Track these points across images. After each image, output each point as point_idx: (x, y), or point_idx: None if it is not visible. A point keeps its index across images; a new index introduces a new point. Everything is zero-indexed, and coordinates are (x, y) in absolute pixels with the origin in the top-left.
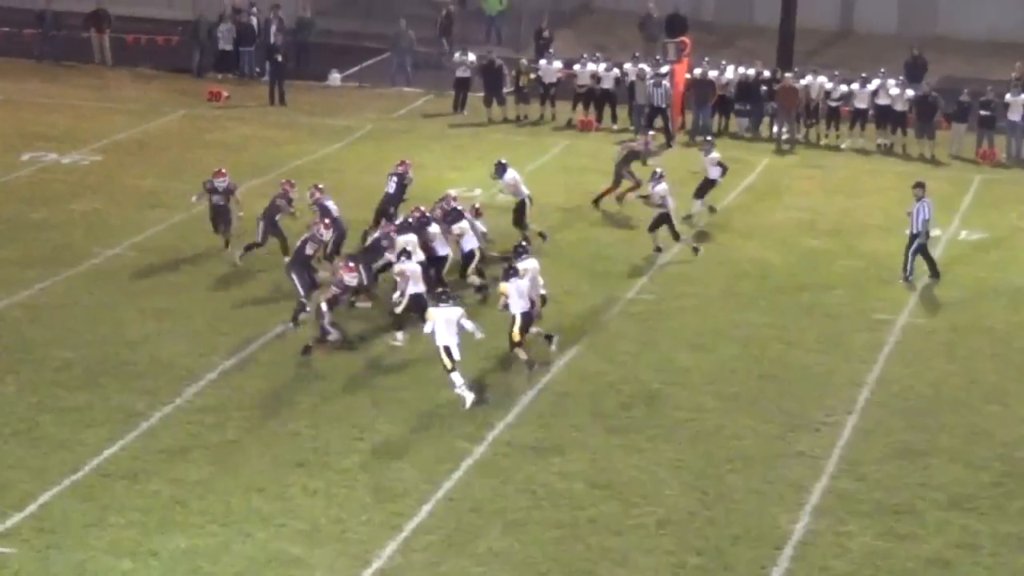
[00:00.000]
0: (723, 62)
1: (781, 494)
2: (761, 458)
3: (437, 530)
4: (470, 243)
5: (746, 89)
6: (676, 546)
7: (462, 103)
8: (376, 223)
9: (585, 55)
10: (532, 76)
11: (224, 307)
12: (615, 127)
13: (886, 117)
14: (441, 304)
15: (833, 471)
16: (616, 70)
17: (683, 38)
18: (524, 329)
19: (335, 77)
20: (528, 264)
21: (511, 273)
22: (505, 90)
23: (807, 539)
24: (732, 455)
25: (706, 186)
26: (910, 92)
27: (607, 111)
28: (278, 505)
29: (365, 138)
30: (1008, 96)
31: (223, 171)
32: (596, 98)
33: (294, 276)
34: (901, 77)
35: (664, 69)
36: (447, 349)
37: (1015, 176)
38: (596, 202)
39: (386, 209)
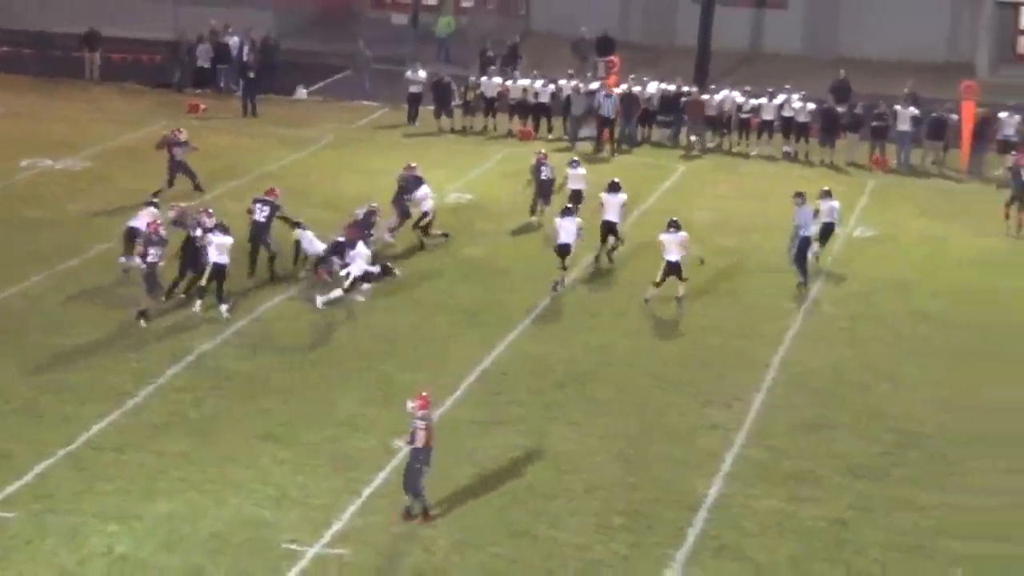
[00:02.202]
0: (645, 78)
1: (697, 462)
2: (680, 430)
3: (392, 495)
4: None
5: (667, 103)
6: (603, 508)
7: (414, 115)
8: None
9: (518, 72)
10: (476, 91)
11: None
12: (550, 136)
13: (791, 128)
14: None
15: (744, 442)
16: (552, 86)
17: (612, 57)
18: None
19: (301, 92)
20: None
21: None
22: (453, 104)
23: (720, 502)
24: (654, 428)
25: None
26: (811, 105)
27: (544, 122)
28: (250, 473)
29: (328, 146)
30: (898, 108)
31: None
32: (532, 110)
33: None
34: (804, 92)
35: (594, 85)
36: None
37: (904, 181)
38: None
39: (401, 205)
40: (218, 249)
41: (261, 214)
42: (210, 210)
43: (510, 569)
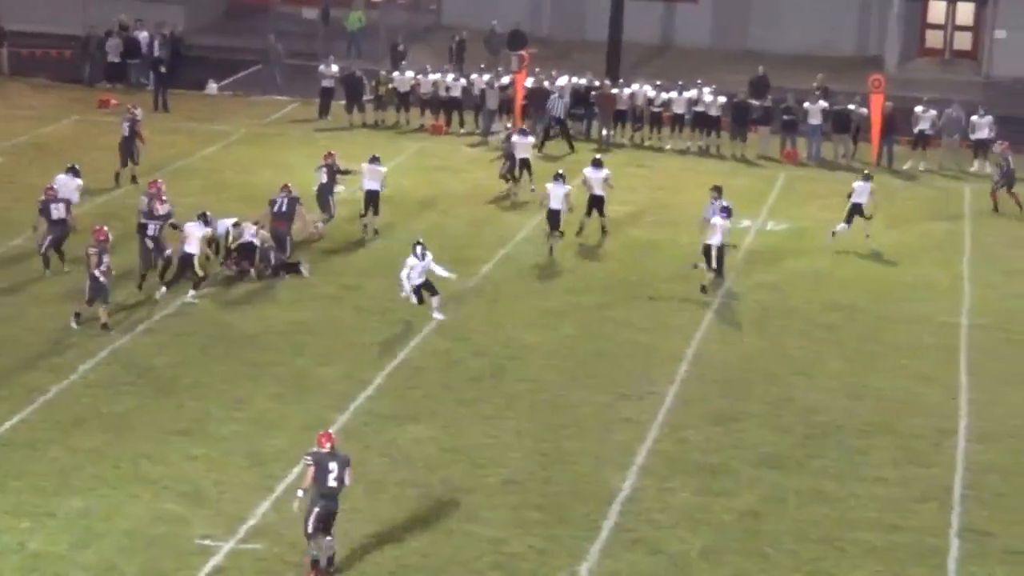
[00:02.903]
0: (553, 72)
1: (611, 456)
2: (593, 424)
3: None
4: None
5: (578, 97)
6: (519, 503)
7: (326, 110)
8: (323, 209)
9: (429, 66)
10: (389, 86)
11: (116, 289)
12: (463, 131)
13: (702, 121)
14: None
15: (656, 435)
16: (463, 80)
17: (523, 52)
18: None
19: (212, 86)
20: None
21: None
22: (365, 98)
23: (634, 495)
24: (568, 422)
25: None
26: (722, 99)
27: (456, 117)
28: (163, 469)
29: (240, 141)
30: (807, 104)
31: None
32: (445, 105)
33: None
34: (714, 85)
35: (506, 79)
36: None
37: (814, 174)
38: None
39: (324, 198)
40: (190, 239)
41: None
42: (164, 197)
43: (425, 563)
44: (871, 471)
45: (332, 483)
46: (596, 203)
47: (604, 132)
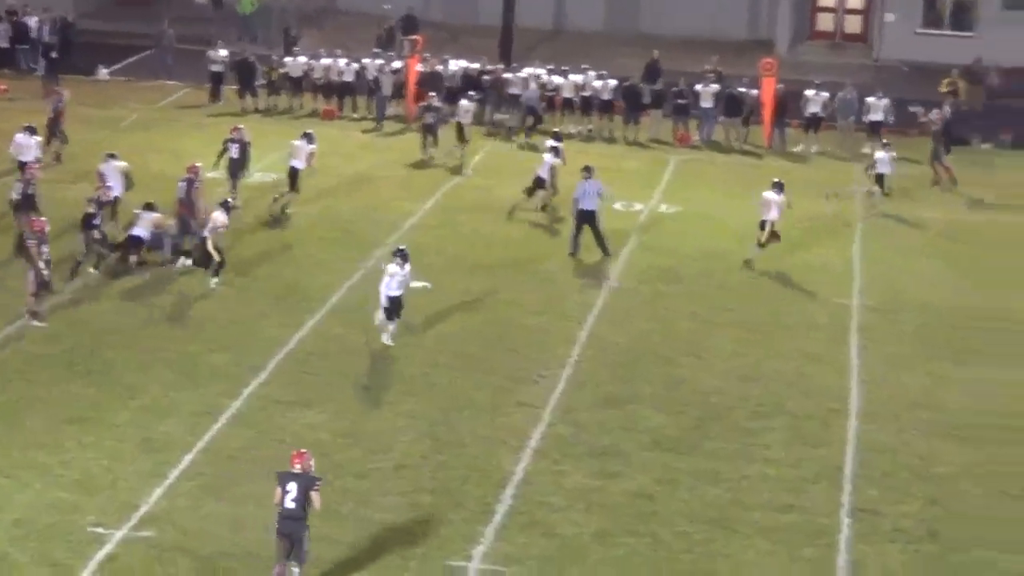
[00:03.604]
0: (445, 57)
1: (504, 439)
2: (487, 408)
3: (198, 477)
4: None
5: (470, 81)
6: (412, 487)
7: (217, 95)
8: (235, 187)
9: (323, 51)
10: (281, 71)
11: (4, 274)
12: (355, 116)
13: (594, 105)
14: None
15: (550, 418)
16: (356, 65)
17: (415, 36)
18: None
19: (103, 72)
20: None
21: None
22: (257, 83)
23: (527, 478)
24: (462, 406)
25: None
26: (612, 82)
27: (348, 101)
28: (55, 457)
29: (132, 126)
30: (699, 87)
31: None
32: (337, 90)
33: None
34: (604, 70)
35: (397, 64)
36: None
37: (706, 156)
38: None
39: (236, 172)
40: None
41: None
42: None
43: (319, 548)
44: (763, 452)
45: (289, 504)
46: (539, 184)
47: (496, 116)
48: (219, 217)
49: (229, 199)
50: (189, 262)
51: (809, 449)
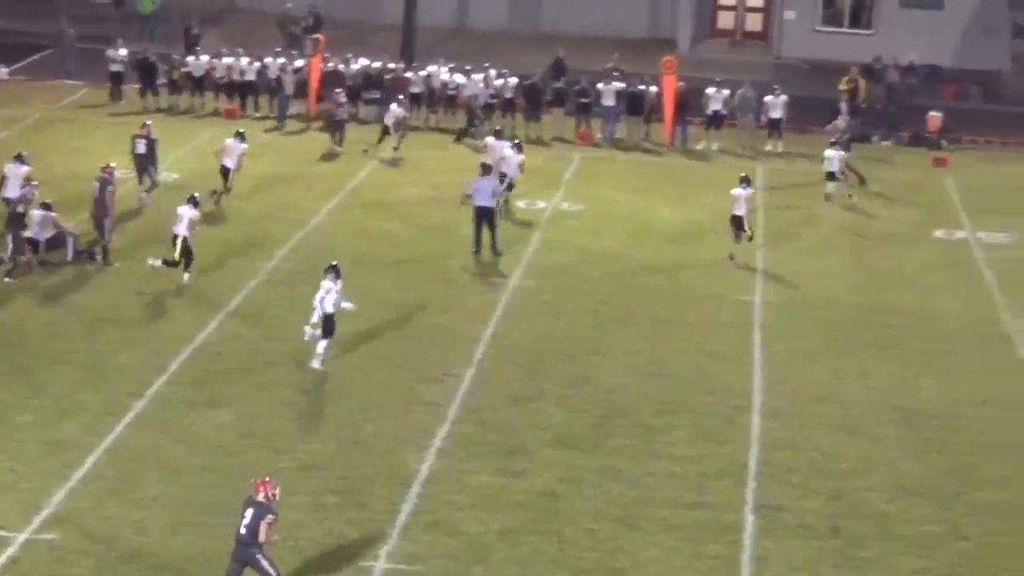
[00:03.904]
0: (348, 55)
1: (410, 438)
2: (392, 407)
3: (102, 479)
4: None
5: (372, 80)
6: (317, 487)
7: (118, 94)
8: (141, 180)
9: (224, 50)
10: (182, 69)
11: None
12: (257, 115)
13: (496, 104)
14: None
15: (455, 417)
16: (257, 63)
17: (318, 35)
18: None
19: (2, 71)
20: None
21: None
22: (159, 82)
23: (433, 477)
24: (367, 405)
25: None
26: (514, 80)
27: (251, 101)
28: None
29: (33, 126)
30: (601, 85)
31: None
32: (239, 89)
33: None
34: (505, 69)
35: (300, 63)
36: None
37: (609, 154)
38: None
39: (144, 167)
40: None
41: None
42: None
43: (224, 549)
44: (667, 449)
45: (241, 529)
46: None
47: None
48: (189, 212)
49: (195, 194)
50: (100, 258)
51: (713, 446)
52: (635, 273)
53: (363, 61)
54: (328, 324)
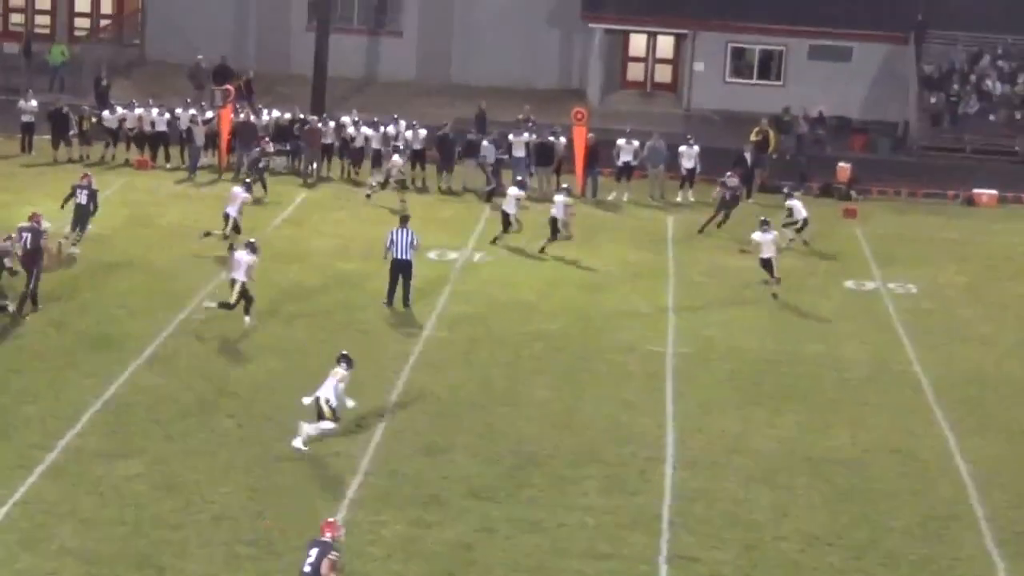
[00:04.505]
0: (260, 106)
1: (322, 489)
2: (304, 458)
3: (13, 531)
4: None
5: (282, 131)
6: (230, 538)
7: (29, 145)
8: (73, 229)
9: (135, 101)
10: (94, 120)
11: None
12: (168, 166)
13: (406, 155)
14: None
15: (367, 468)
16: (168, 114)
17: (228, 86)
18: None
19: None
20: None
21: None
22: (71, 133)
23: (347, 528)
24: (279, 456)
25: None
26: (423, 132)
27: (161, 151)
28: None
29: None
30: (512, 136)
31: None
32: (150, 140)
33: None
34: (415, 121)
35: (210, 114)
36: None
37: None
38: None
39: (83, 219)
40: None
41: None
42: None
43: None
44: (580, 500)
45: (305, 568)
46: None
47: (312, 166)
48: (247, 258)
49: (252, 240)
50: (12, 308)
51: (626, 496)
52: (546, 323)
53: (274, 112)
54: (320, 411)
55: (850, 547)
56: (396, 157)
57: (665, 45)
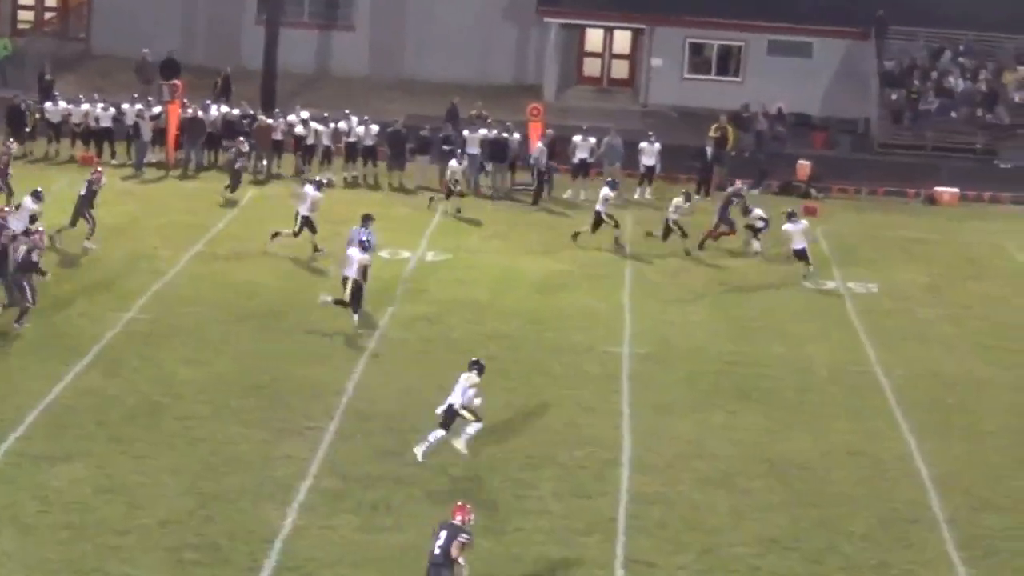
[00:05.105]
0: (208, 102)
1: (271, 493)
2: (253, 461)
3: None
4: None
5: (231, 127)
6: (176, 543)
7: None
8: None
9: (82, 96)
10: (38, 116)
11: None
12: (114, 162)
13: (358, 151)
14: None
15: (316, 471)
16: (114, 110)
17: (176, 81)
18: None
19: None
20: None
21: None
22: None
23: (295, 533)
24: (227, 459)
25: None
26: (375, 128)
27: (107, 148)
28: None
29: None
30: (466, 132)
31: None
32: (95, 136)
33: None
34: (366, 117)
35: (157, 109)
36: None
37: (474, 202)
38: None
39: (81, 211)
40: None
41: None
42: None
43: None
44: (536, 504)
45: (434, 550)
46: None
47: (263, 162)
48: (358, 255)
49: (364, 238)
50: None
51: (583, 500)
52: (501, 323)
53: (223, 108)
54: (449, 418)
55: (809, 552)
56: (453, 162)
57: (622, 40)
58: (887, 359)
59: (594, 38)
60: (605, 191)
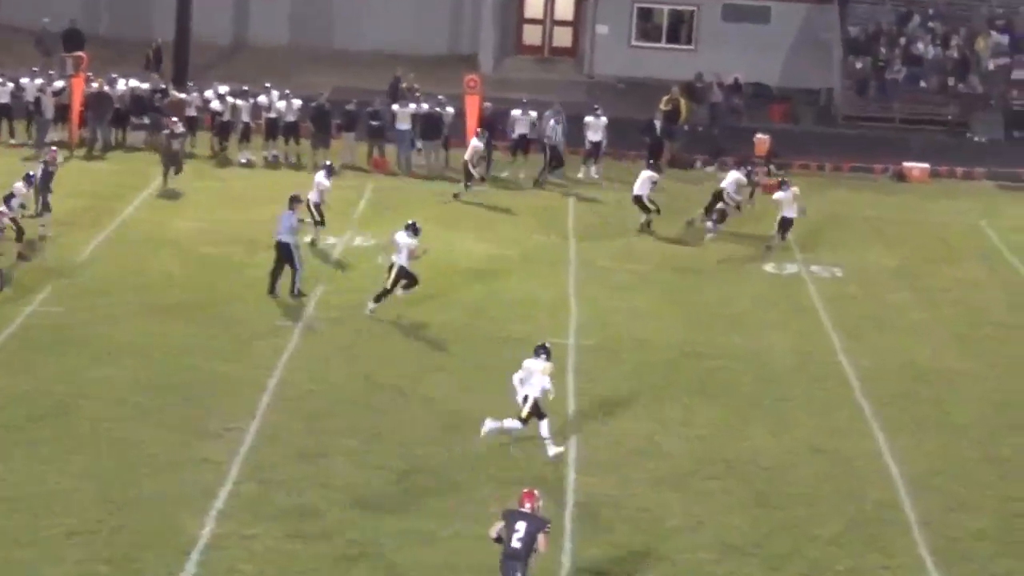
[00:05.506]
0: (113, 75)
1: (187, 500)
2: (167, 466)
3: None
4: None
5: (140, 102)
6: (86, 555)
7: None
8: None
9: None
10: None
11: None
12: (13, 141)
13: (279, 128)
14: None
15: (237, 476)
16: (11, 84)
17: (80, 53)
18: None
19: None
20: None
21: None
22: None
23: (214, 543)
24: (139, 464)
25: None
26: (297, 102)
27: (5, 125)
28: None
29: None
30: (396, 107)
31: None
32: None
33: None
34: (288, 91)
35: (60, 84)
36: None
37: (405, 183)
38: None
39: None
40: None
41: None
42: None
43: None
44: (475, 509)
45: (515, 544)
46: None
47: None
48: (407, 241)
49: (414, 222)
50: None
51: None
52: (437, 313)
53: (132, 82)
54: (537, 408)
55: (771, 557)
56: (475, 141)
57: (564, 5)
58: (854, 348)
59: (534, 3)
60: (648, 173)
